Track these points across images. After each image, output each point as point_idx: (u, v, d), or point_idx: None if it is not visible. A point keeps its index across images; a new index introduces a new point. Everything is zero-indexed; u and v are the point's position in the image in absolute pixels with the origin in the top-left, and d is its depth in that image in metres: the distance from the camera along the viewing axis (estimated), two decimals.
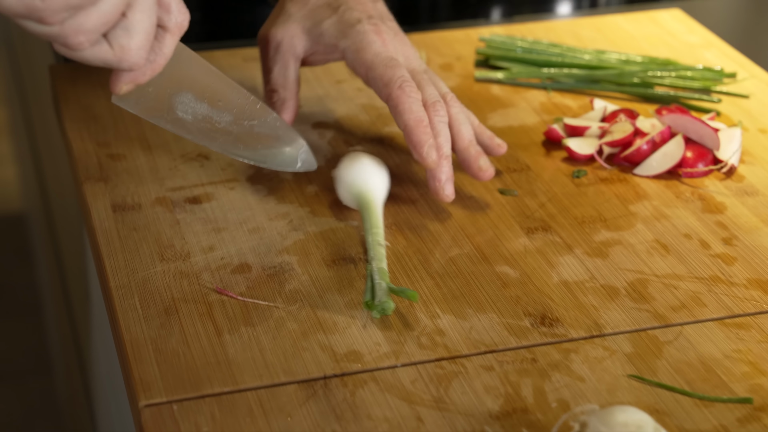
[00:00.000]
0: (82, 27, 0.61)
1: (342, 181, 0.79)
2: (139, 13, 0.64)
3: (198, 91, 0.75)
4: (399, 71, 0.77)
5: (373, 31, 0.80)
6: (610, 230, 0.79)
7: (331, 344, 0.68)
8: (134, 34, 0.64)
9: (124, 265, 0.75)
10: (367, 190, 0.78)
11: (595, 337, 0.69)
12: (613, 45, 1.04)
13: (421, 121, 0.76)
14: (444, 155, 0.77)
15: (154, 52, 0.68)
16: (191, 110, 0.75)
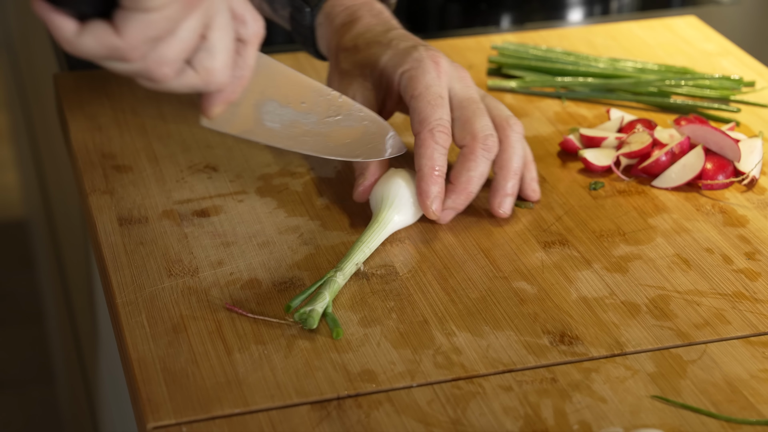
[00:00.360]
0: (164, 58, 0.60)
1: (377, 187, 0.77)
2: (218, 32, 0.62)
3: (281, 96, 0.74)
4: (438, 113, 0.75)
5: (430, 57, 0.77)
6: (629, 244, 0.77)
7: (345, 363, 0.66)
8: (216, 53, 0.63)
9: (131, 281, 0.73)
10: (388, 206, 0.76)
11: (616, 356, 0.67)
12: (628, 53, 1.02)
13: (434, 170, 0.75)
14: (469, 191, 0.76)
15: (238, 67, 0.66)
16: (278, 117, 0.74)
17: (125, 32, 0.58)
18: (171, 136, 0.89)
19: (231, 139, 0.88)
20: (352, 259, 0.73)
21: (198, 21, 0.61)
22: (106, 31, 0.57)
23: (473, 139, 0.76)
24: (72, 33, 0.57)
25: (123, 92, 0.94)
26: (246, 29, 0.65)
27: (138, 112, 0.91)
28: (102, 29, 0.57)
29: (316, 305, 0.68)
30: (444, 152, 0.75)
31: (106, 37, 0.58)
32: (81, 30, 0.58)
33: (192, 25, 0.60)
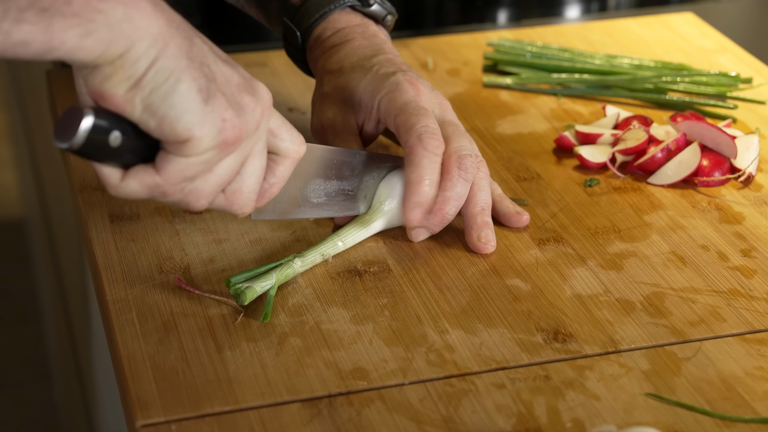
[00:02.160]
0: (202, 192, 0.62)
1: (371, 186, 0.76)
2: (252, 160, 0.63)
3: (324, 173, 0.73)
4: (424, 120, 0.73)
5: (408, 81, 0.75)
6: (625, 241, 0.76)
7: (336, 361, 0.65)
8: (246, 179, 0.63)
9: (122, 278, 0.72)
10: (376, 207, 0.75)
11: (610, 353, 0.66)
12: (625, 49, 1.01)
13: (422, 180, 0.72)
14: (444, 212, 0.73)
15: (269, 180, 0.66)
16: (324, 191, 0.74)
17: (165, 172, 0.60)
18: None
19: None
20: (319, 248, 0.72)
21: (235, 159, 0.62)
22: (148, 173, 0.60)
23: (449, 159, 0.73)
24: (117, 180, 0.60)
25: None
26: (283, 144, 0.65)
27: None
28: (144, 171, 0.60)
29: (256, 284, 0.68)
30: (434, 159, 0.72)
31: (147, 178, 0.60)
32: (125, 176, 0.60)
33: (229, 163, 0.62)
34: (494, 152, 0.87)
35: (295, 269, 0.71)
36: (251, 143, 0.62)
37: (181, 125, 0.58)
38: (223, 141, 0.59)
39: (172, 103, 0.58)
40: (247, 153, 0.62)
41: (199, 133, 0.58)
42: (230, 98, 0.60)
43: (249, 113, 0.61)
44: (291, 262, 0.71)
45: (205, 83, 0.58)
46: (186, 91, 0.58)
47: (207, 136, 0.59)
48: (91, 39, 0.55)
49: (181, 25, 0.59)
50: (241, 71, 0.62)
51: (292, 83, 0.96)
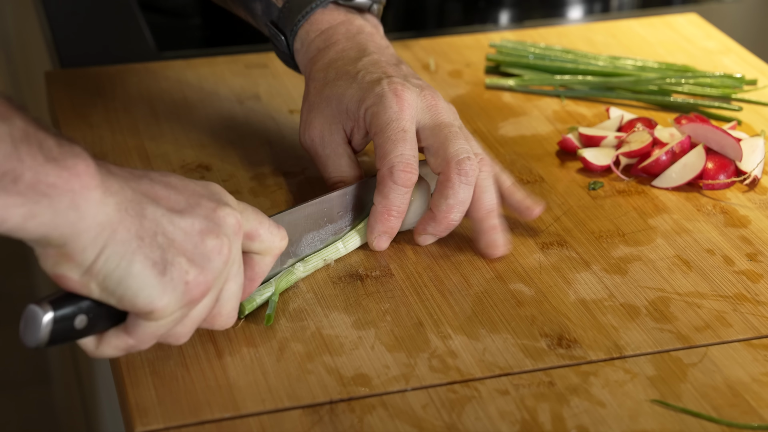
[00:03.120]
0: (181, 334, 0.62)
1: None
2: (228, 284, 0.62)
3: (314, 226, 0.73)
4: (399, 149, 0.72)
5: (392, 91, 0.73)
6: (629, 245, 0.76)
7: (338, 367, 0.65)
8: (224, 303, 0.63)
9: None
10: None
11: (615, 359, 0.66)
12: (628, 51, 1.01)
13: (386, 210, 0.72)
14: (450, 220, 0.72)
15: (249, 277, 0.65)
16: (319, 239, 0.73)
17: (136, 336, 0.60)
18: (163, 135, 0.87)
19: (224, 138, 0.87)
20: (321, 253, 0.71)
21: (209, 300, 0.61)
22: (121, 337, 0.60)
23: (447, 165, 0.71)
24: (93, 348, 0.61)
25: (115, 91, 0.93)
26: (262, 246, 0.64)
27: (130, 110, 0.90)
28: (116, 337, 0.60)
29: (256, 294, 0.67)
30: (403, 192, 0.72)
31: (121, 342, 0.60)
32: (99, 342, 0.61)
33: (204, 305, 0.61)
34: (497, 154, 0.86)
35: (297, 275, 0.70)
36: (223, 278, 0.61)
37: (141, 301, 0.58)
38: (189, 300, 0.59)
39: (128, 284, 0.57)
40: (221, 286, 0.62)
41: (160, 304, 0.58)
42: (192, 254, 0.59)
43: (215, 259, 0.60)
44: (292, 267, 0.70)
45: (160, 255, 0.57)
46: (140, 270, 0.57)
47: (170, 304, 0.58)
48: (35, 222, 0.54)
49: (132, 198, 0.57)
50: (202, 210, 0.60)
51: (293, 84, 0.95)
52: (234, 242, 0.61)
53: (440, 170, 0.73)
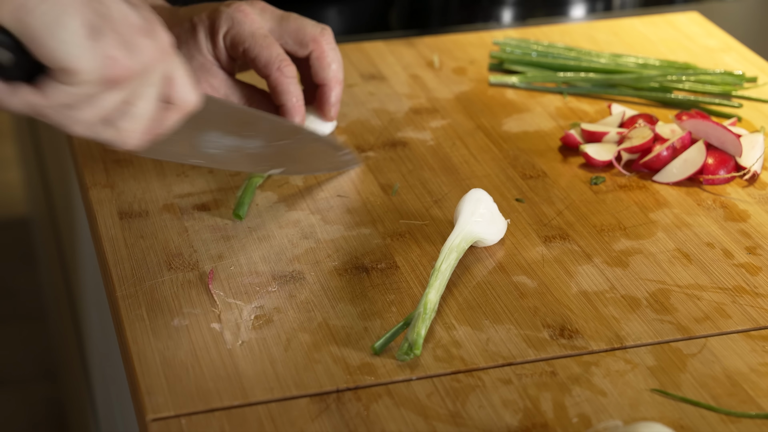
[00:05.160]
0: (81, 120, 0.62)
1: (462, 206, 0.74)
2: (143, 102, 0.63)
3: (223, 128, 0.75)
4: (275, 50, 0.81)
5: (237, 10, 0.81)
6: (630, 239, 0.77)
7: (344, 356, 0.66)
8: (136, 120, 0.63)
9: (131, 274, 0.73)
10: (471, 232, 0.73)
11: (616, 349, 0.67)
12: (630, 49, 1.02)
13: (296, 103, 0.81)
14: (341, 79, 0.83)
15: (154, 125, 0.66)
16: (219, 145, 0.75)
17: (46, 96, 0.61)
18: None
19: None
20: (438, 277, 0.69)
21: (119, 95, 0.62)
22: (31, 93, 0.61)
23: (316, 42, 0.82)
24: (4, 94, 0.61)
25: None
26: (176, 94, 0.66)
27: None
28: (27, 91, 0.61)
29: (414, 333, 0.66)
30: (296, 82, 0.81)
31: (30, 98, 0.61)
32: (9, 91, 0.61)
33: (111, 99, 0.62)
34: (500, 150, 0.87)
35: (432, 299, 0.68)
36: (140, 85, 0.63)
37: (64, 56, 0.58)
38: (106, 77, 0.60)
39: (57, 34, 0.58)
40: (135, 92, 0.63)
41: (78, 65, 0.59)
42: (123, 38, 0.60)
43: (141, 55, 0.61)
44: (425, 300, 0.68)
45: (95, 20, 0.59)
46: (73, 26, 0.58)
47: (88, 70, 0.59)
48: None
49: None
50: (145, 14, 0.62)
51: None
52: (162, 58, 0.63)
53: (310, 49, 0.82)
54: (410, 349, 0.66)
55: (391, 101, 0.94)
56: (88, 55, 0.59)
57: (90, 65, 0.59)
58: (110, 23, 0.60)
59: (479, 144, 0.88)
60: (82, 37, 0.59)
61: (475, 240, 0.74)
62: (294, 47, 0.83)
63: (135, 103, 0.63)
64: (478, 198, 0.75)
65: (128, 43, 0.61)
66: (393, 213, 0.79)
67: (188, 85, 0.66)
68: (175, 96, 0.65)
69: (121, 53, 0.60)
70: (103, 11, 0.60)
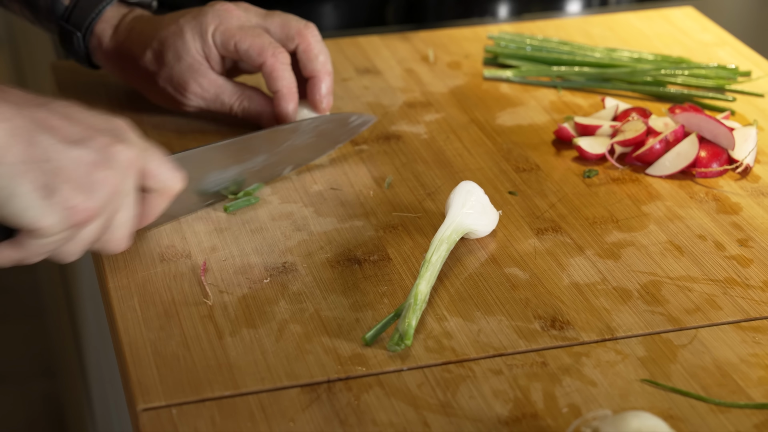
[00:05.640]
0: (71, 253, 0.65)
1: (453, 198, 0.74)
2: (121, 214, 0.65)
3: (221, 166, 0.77)
4: (267, 39, 0.81)
5: (223, 8, 0.83)
6: (622, 231, 0.77)
7: (336, 347, 0.66)
8: (115, 230, 0.66)
9: (124, 266, 0.73)
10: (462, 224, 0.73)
11: (607, 340, 0.67)
12: (625, 43, 1.02)
13: (291, 89, 0.82)
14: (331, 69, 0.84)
15: (142, 215, 0.68)
16: (223, 179, 0.77)
17: (24, 250, 0.64)
18: (166, 124, 0.89)
19: (226, 126, 0.88)
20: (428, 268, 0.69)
21: (97, 225, 0.64)
22: (10, 250, 0.64)
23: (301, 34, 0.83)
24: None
25: (119, 81, 0.94)
26: (158, 185, 0.67)
27: (134, 101, 0.91)
28: (6, 249, 0.64)
29: (404, 323, 0.66)
30: (290, 69, 0.82)
31: (11, 254, 0.64)
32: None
33: (92, 230, 0.64)
34: (494, 143, 0.88)
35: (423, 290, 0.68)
36: (114, 205, 0.64)
37: (26, 220, 0.61)
38: (74, 224, 0.63)
39: (14, 204, 0.61)
40: (112, 213, 0.65)
41: (44, 224, 0.62)
42: (79, 183, 0.62)
43: (102, 189, 0.63)
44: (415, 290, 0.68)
45: (46, 181, 0.61)
46: (25, 192, 0.61)
47: (54, 225, 0.62)
48: None
49: (23, 126, 0.61)
50: (91, 144, 0.63)
51: None
52: (126, 176, 0.64)
53: (296, 43, 0.83)
54: (401, 339, 0.66)
55: (385, 95, 0.94)
56: (48, 212, 0.61)
57: (53, 220, 0.62)
58: (61, 176, 0.62)
59: (473, 137, 0.88)
60: (36, 200, 0.61)
61: (466, 231, 0.74)
62: (280, 42, 0.84)
63: (114, 219, 0.65)
64: (469, 190, 0.75)
65: (85, 186, 0.62)
66: (386, 205, 0.80)
67: (166, 171, 0.67)
68: (157, 186, 0.67)
69: (80, 199, 0.62)
70: (51, 167, 0.61)
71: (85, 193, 0.62)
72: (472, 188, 0.75)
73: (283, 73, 0.82)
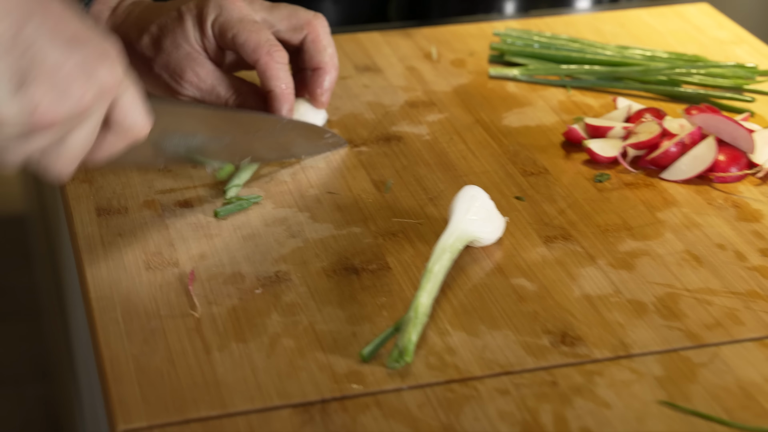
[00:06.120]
0: (10, 155, 0.59)
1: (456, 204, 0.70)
2: (76, 136, 0.60)
3: (187, 129, 0.73)
4: (264, 35, 0.78)
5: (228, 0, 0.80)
6: (636, 239, 0.73)
7: (331, 363, 0.62)
8: (68, 150, 0.60)
9: (107, 275, 0.69)
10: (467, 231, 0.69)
11: (621, 357, 0.63)
12: (637, 40, 0.98)
13: (285, 89, 0.78)
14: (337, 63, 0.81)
15: (96, 147, 0.63)
16: (183, 144, 0.73)
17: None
18: None
19: None
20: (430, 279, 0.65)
21: (50, 136, 0.59)
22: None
23: (310, 24, 0.80)
24: None
25: None
26: (125, 122, 0.62)
27: None
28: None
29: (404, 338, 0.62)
30: (286, 68, 0.78)
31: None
32: None
33: (44, 140, 0.59)
34: (500, 145, 0.83)
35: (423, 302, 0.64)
36: (75, 122, 0.60)
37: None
38: (32, 123, 0.58)
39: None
40: (67, 131, 0.60)
41: (5, 114, 0.57)
42: (53, 84, 0.58)
43: (73, 100, 0.58)
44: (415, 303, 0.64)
45: (23, 69, 0.57)
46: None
47: (12, 116, 0.57)
48: None
49: (23, 7, 0.57)
50: (85, 51, 0.59)
51: None
52: (100, 97, 0.60)
53: (305, 33, 0.80)
54: (401, 356, 0.61)
55: (386, 94, 0.90)
56: (11, 102, 0.57)
57: (12, 112, 0.57)
58: (39, 69, 0.57)
59: (478, 139, 0.84)
60: (5, 86, 0.56)
61: (471, 239, 0.70)
62: (287, 34, 0.80)
63: (67, 139, 0.60)
64: (473, 195, 0.71)
65: (58, 89, 0.58)
66: (386, 211, 0.75)
67: (137, 111, 0.62)
68: (122, 123, 0.62)
69: (48, 101, 0.57)
70: (32, 56, 0.57)
71: (56, 97, 0.58)
72: (476, 193, 0.71)
73: (278, 73, 0.78)
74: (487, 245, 0.71)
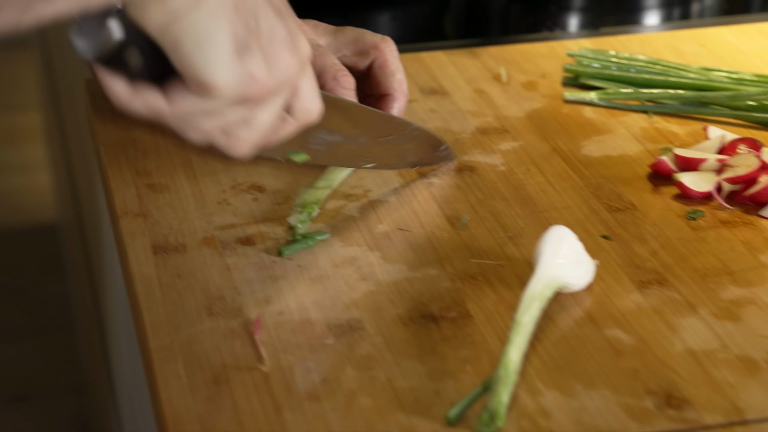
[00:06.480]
0: (201, 129, 0.59)
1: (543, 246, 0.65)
2: (265, 114, 0.59)
3: (332, 126, 0.70)
4: (329, 59, 0.74)
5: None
6: (740, 286, 0.67)
7: (413, 426, 0.56)
8: (254, 131, 0.60)
9: (166, 321, 0.64)
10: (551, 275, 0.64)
11: (735, 424, 0.57)
12: (720, 61, 0.91)
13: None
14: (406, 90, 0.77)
15: (269, 134, 0.62)
16: (324, 142, 0.71)
17: (174, 104, 0.57)
18: (212, 151, 0.79)
19: None
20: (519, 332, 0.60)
21: (248, 111, 0.58)
22: (156, 97, 0.57)
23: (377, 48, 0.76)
24: (125, 94, 0.57)
25: None
26: (299, 106, 0.61)
27: None
28: (152, 95, 0.57)
29: (495, 400, 0.57)
30: (353, 95, 0.74)
31: (154, 102, 0.57)
32: (133, 91, 0.57)
33: (237, 113, 0.58)
34: (581, 177, 0.77)
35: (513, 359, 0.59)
36: (272, 98, 0.59)
37: (205, 70, 0.55)
38: (244, 96, 0.57)
39: (201, 46, 0.54)
40: (261, 107, 0.59)
41: (219, 82, 0.55)
42: (268, 54, 0.57)
43: (281, 71, 0.58)
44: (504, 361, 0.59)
45: (245, 35, 0.55)
46: (222, 40, 0.55)
47: (230, 88, 0.56)
48: None
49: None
50: (288, 23, 0.59)
51: None
52: (300, 72, 0.59)
53: (372, 57, 0.76)
54: (491, 419, 0.56)
55: (454, 119, 0.84)
56: (231, 73, 0.55)
57: (230, 83, 0.55)
58: (258, 38, 0.56)
59: (556, 170, 0.78)
60: (228, 54, 0.55)
61: (560, 286, 0.64)
62: (353, 59, 0.76)
63: (257, 116, 0.58)
64: (561, 236, 0.65)
65: (271, 59, 0.57)
66: (462, 250, 0.70)
67: (313, 98, 0.61)
68: (298, 108, 0.61)
69: (263, 71, 0.56)
70: (253, 24, 0.55)
71: (268, 68, 0.57)
72: (564, 234, 0.65)
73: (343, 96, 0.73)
74: (576, 291, 0.66)
